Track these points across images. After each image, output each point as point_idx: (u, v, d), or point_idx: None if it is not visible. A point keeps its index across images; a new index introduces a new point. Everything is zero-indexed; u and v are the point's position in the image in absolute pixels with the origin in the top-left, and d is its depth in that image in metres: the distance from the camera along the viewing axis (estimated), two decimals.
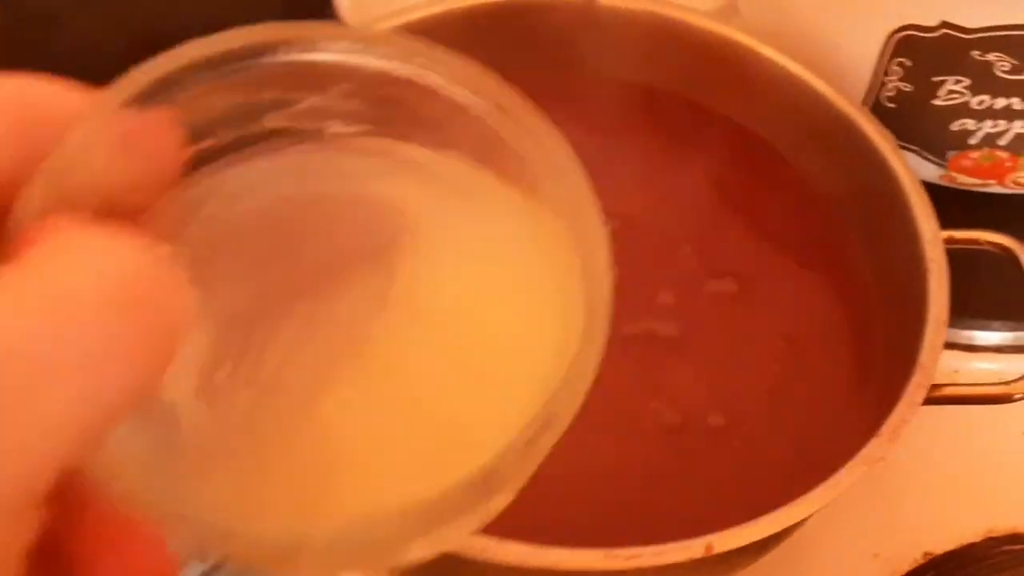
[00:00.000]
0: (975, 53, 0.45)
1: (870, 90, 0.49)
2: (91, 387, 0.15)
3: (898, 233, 0.42)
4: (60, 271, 0.15)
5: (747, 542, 0.33)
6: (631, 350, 0.42)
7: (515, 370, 0.20)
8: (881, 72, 0.48)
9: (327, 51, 0.20)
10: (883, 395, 0.38)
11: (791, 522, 0.33)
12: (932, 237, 0.41)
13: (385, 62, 0.20)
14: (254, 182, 0.21)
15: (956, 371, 0.51)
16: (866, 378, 0.41)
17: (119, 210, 0.18)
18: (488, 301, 0.22)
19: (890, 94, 0.48)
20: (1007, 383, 0.38)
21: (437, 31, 0.47)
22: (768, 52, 0.47)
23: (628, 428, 0.40)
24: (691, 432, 0.40)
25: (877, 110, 0.49)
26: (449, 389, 0.21)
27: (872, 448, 0.35)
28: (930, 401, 0.38)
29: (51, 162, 0.17)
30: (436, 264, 0.22)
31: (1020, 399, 0.38)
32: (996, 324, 0.51)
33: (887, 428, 0.35)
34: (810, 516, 0.34)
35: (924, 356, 0.37)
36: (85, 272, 0.15)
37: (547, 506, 0.36)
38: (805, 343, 0.43)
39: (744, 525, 0.32)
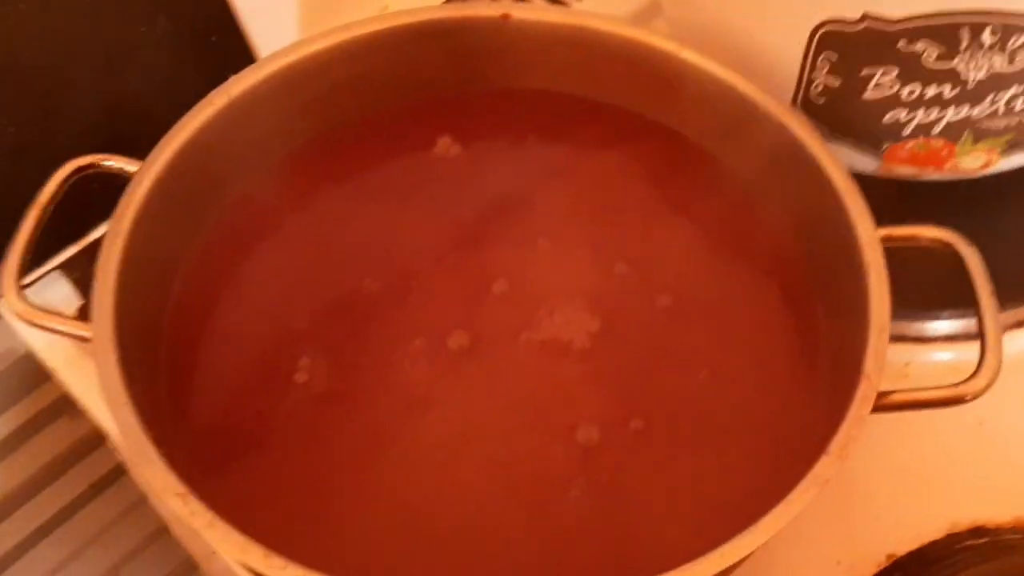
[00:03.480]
0: (901, 43, 0.44)
1: (799, 87, 0.48)
2: None
3: (836, 237, 0.41)
4: None
5: None
6: (559, 372, 0.41)
7: None
8: (808, 68, 0.47)
9: None
10: (831, 405, 0.38)
11: (743, 554, 0.32)
12: (869, 239, 0.40)
13: None
14: None
15: (907, 364, 0.51)
16: (812, 387, 0.40)
17: None
18: None
19: (819, 90, 0.47)
20: (955, 385, 0.38)
21: (348, 58, 0.46)
22: (691, 56, 0.46)
23: (553, 450, 0.39)
24: (623, 453, 0.39)
25: (807, 107, 0.48)
26: None
27: (821, 468, 0.34)
28: (878, 409, 0.37)
29: None
30: None
31: (970, 400, 0.38)
32: (945, 313, 0.51)
33: (835, 446, 0.34)
34: (763, 544, 0.33)
35: (869, 365, 0.36)
36: None
37: (472, 554, 0.36)
38: (747, 353, 0.42)
39: (693, 562, 0.31)
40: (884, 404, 0.37)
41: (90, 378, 0.49)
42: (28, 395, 0.73)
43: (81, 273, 0.50)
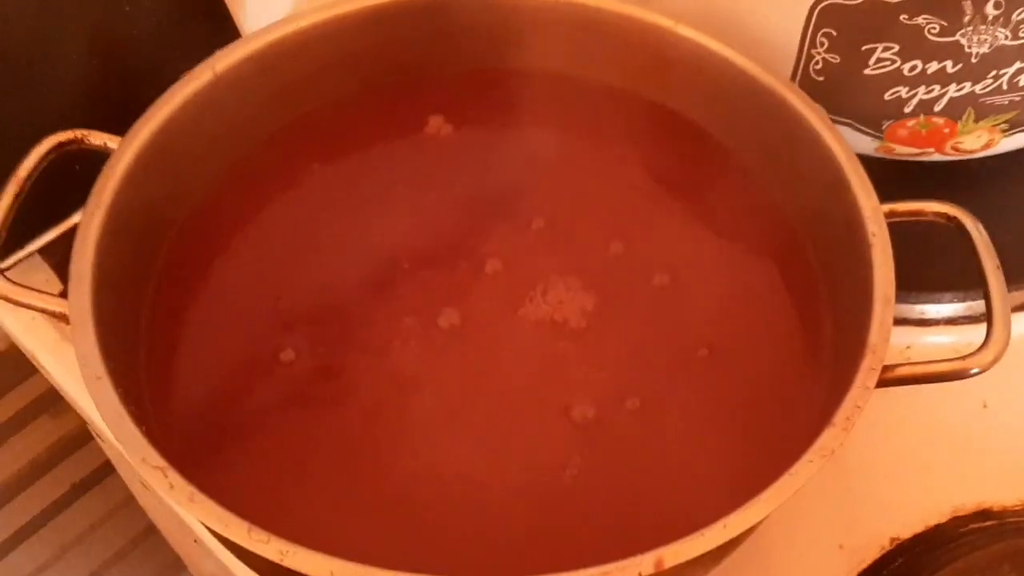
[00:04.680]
0: (903, 17, 0.43)
1: (797, 64, 0.47)
2: None
3: (837, 211, 0.40)
4: None
5: (701, 551, 0.30)
6: (554, 351, 0.40)
7: None
8: (807, 45, 0.46)
9: None
10: (834, 379, 0.37)
11: (748, 525, 0.31)
12: (872, 212, 0.39)
13: None
14: None
15: (909, 347, 0.50)
16: (815, 363, 0.39)
17: None
18: None
19: (818, 67, 0.46)
20: (962, 358, 0.36)
21: (337, 34, 0.45)
22: (687, 32, 0.45)
23: (547, 428, 0.38)
24: (619, 431, 0.38)
25: (806, 84, 0.47)
26: None
27: (826, 439, 0.33)
28: (883, 383, 0.36)
29: None
30: None
31: (976, 374, 0.37)
32: (947, 296, 0.50)
33: (840, 417, 0.33)
34: (767, 516, 0.32)
35: (873, 337, 0.35)
36: None
37: (462, 535, 0.34)
38: (747, 330, 0.41)
39: (696, 534, 0.30)
40: (889, 378, 0.36)
41: (71, 363, 0.48)
42: (7, 394, 0.71)
43: (61, 257, 0.49)
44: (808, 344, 0.40)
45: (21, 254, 0.48)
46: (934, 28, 0.43)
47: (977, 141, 0.48)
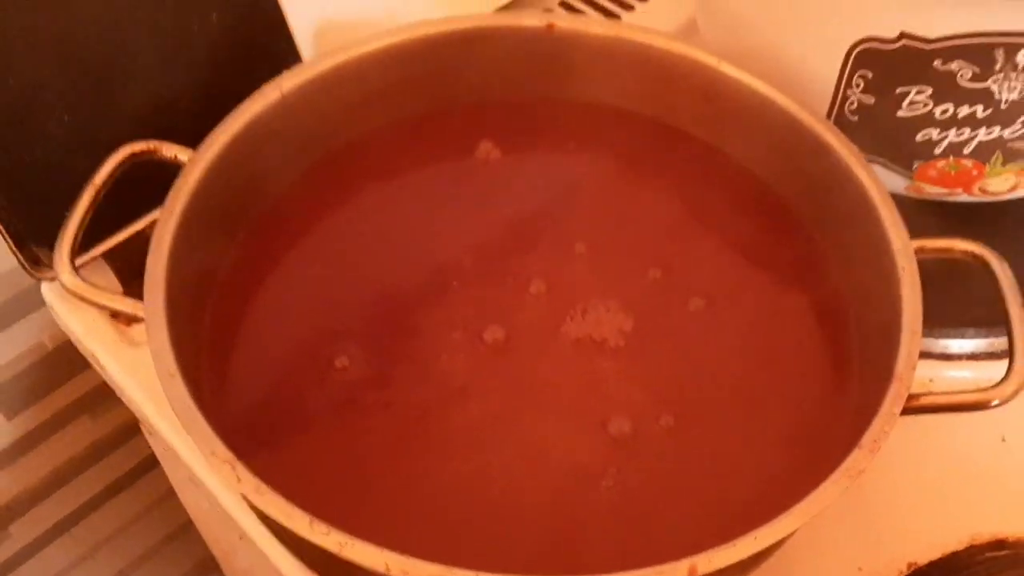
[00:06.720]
0: (937, 63, 0.45)
1: (833, 104, 0.49)
2: None
3: (869, 245, 0.42)
4: None
5: (734, 560, 0.32)
6: (592, 368, 0.42)
7: None
8: (843, 86, 0.48)
9: None
10: (861, 406, 0.38)
11: (777, 538, 0.33)
12: (902, 247, 0.41)
13: None
14: None
15: (931, 380, 0.51)
16: (842, 390, 0.41)
17: None
18: None
19: (853, 107, 0.48)
20: (983, 389, 0.38)
21: (397, 60, 0.47)
22: (730, 70, 0.47)
23: (585, 441, 0.40)
24: (653, 447, 0.40)
25: (841, 123, 0.49)
26: None
27: (853, 460, 0.35)
28: (908, 411, 0.37)
29: None
30: None
31: (997, 405, 0.38)
32: (970, 332, 0.52)
33: (867, 440, 0.35)
34: (795, 531, 0.34)
35: (900, 366, 0.37)
36: None
37: (503, 536, 0.36)
38: (777, 357, 0.43)
39: (729, 544, 0.32)
40: (913, 406, 0.38)
41: (128, 363, 0.50)
42: (50, 393, 0.74)
43: (123, 262, 0.51)
44: (836, 372, 0.42)
45: (86, 256, 0.50)
46: (966, 74, 0.45)
47: (1004, 184, 0.50)
